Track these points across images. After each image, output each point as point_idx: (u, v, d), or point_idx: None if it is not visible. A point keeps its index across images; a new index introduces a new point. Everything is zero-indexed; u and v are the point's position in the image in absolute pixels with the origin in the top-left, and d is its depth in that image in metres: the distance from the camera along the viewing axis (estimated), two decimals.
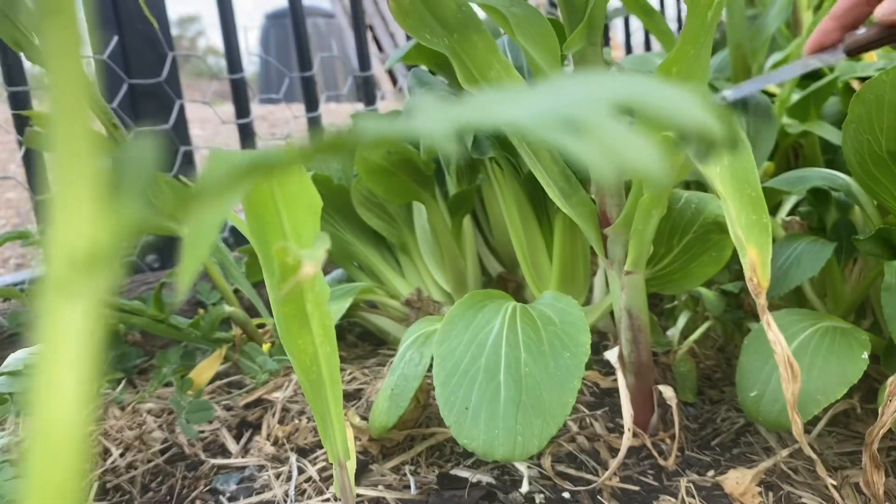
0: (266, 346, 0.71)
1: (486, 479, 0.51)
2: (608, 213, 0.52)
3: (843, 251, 0.58)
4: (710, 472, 0.51)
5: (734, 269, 0.69)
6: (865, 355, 0.47)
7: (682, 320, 0.67)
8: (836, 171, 0.58)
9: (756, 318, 0.64)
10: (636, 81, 0.15)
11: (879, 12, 0.61)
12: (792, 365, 0.42)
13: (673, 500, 0.48)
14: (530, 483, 0.50)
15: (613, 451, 0.55)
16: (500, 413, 0.44)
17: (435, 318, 0.58)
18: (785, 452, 0.52)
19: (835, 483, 0.49)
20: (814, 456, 0.46)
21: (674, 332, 0.67)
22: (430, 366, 0.50)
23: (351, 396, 0.66)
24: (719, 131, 0.15)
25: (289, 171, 0.33)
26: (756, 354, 0.51)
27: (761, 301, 0.41)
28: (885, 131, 0.47)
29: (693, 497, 0.48)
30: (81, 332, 0.12)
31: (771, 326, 0.42)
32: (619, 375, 0.52)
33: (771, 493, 0.49)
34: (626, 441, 0.49)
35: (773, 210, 0.69)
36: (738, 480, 0.49)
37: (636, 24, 1.76)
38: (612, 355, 0.54)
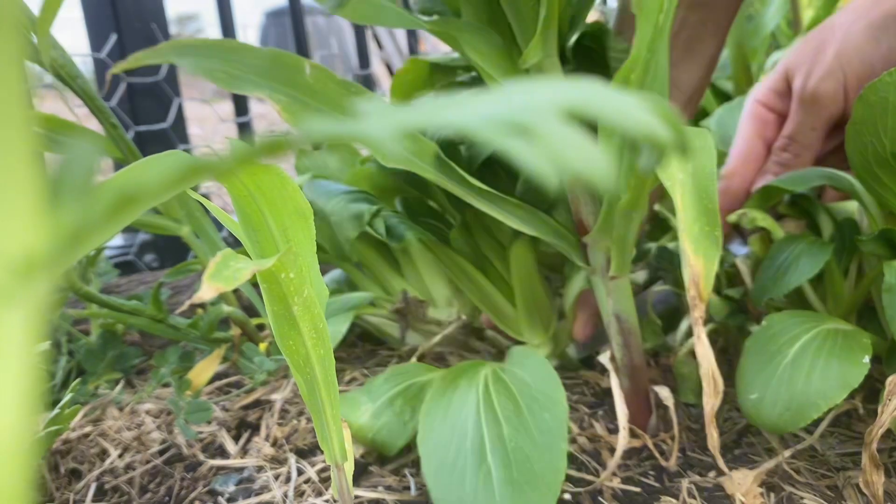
0: (263, 346, 0.71)
1: None
2: (584, 221, 0.51)
3: (844, 251, 0.58)
4: (712, 473, 0.51)
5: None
6: (867, 359, 0.46)
7: (684, 323, 0.66)
8: (838, 171, 0.57)
9: (758, 321, 0.63)
10: (585, 87, 0.15)
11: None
12: (715, 380, 0.41)
13: (674, 500, 0.48)
14: None
15: (614, 452, 0.54)
16: (496, 499, 0.43)
17: (425, 367, 0.58)
18: (787, 453, 0.51)
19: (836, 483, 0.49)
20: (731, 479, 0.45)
21: (676, 335, 0.67)
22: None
23: None
24: (667, 136, 0.15)
25: (266, 175, 0.33)
26: (756, 357, 0.50)
27: (697, 314, 0.41)
28: (890, 134, 0.46)
29: (694, 498, 0.48)
30: (21, 341, 0.12)
31: (701, 340, 0.41)
32: (612, 378, 0.52)
33: (773, 494, 0.48)
34: (622, 442, 0.49)
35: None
36: (739, 481, 0.49)
37: None
38: (604, 358, 0.54)
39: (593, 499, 0.49)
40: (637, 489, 0.50)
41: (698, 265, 0.40)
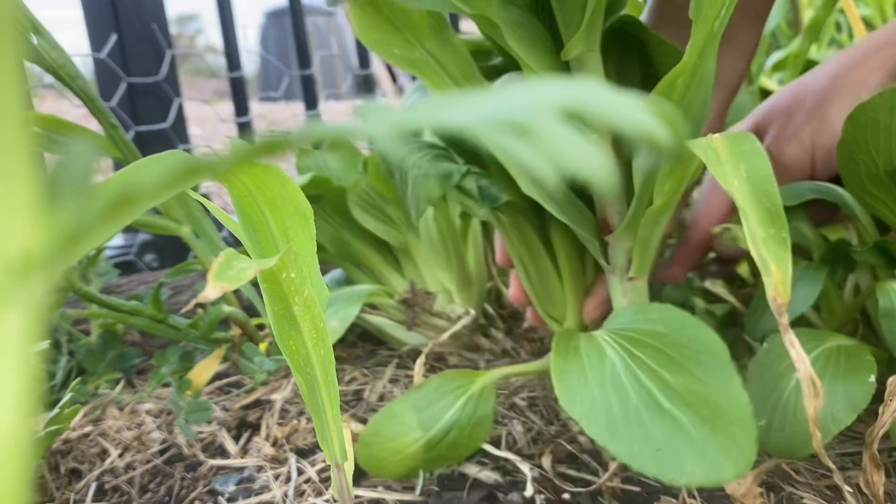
0: (263, 346, 0.71)
1: (486, 480, 0.51)
2: (609, 221, 0.51)
3: (839, 264, 0.57)
4: None
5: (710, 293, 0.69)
6: (872, 378, 0.46)
7: None
8: (830, 184, 0.57)
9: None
10: (584, 86, 0.15)
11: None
12: (815, 382, 0.39)
13: (674, 500, 0.48)
14: (530, 484, 0.50)
15: None
16: (695, 438, 0.39)
17: (454, 375, 0.54)
18: None
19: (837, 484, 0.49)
20: (840, 483, 0.45)
21: None
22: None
23: (350, 398, 0.66)
24: (665, 136, 0.15)
25: (266, 175, 0.33)
26: (762, 381, 0.49)
27: (784, 320, 0.39)
28: (882, 153, 0.46)
29: (694, 498, 0.48)
30: (19, 341, 0.12)
31: (794, 345, 0.39)
32: None
33: (772, 494, 0.48)
34: None
35: None
36: (739, 481, 0.49)
37: None
38: None
39: (593, 498, 0.49)
40: (637, 489, 0.50)
41: (774, 271, 0.39)
